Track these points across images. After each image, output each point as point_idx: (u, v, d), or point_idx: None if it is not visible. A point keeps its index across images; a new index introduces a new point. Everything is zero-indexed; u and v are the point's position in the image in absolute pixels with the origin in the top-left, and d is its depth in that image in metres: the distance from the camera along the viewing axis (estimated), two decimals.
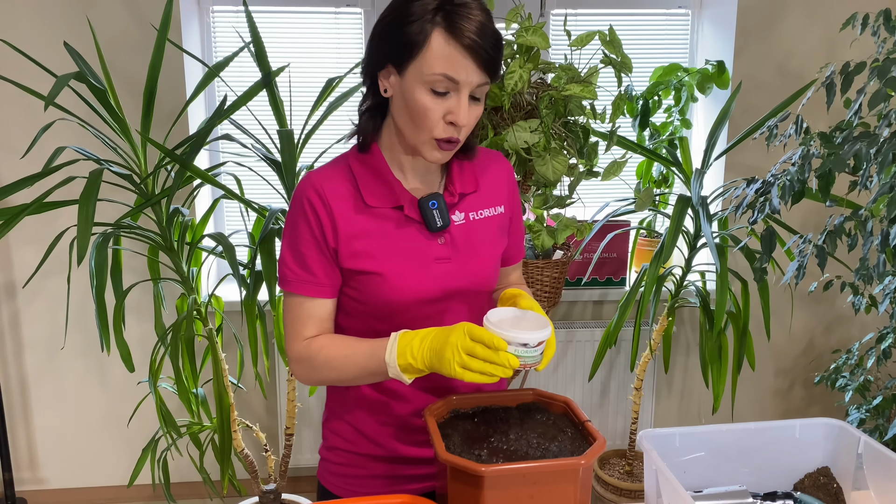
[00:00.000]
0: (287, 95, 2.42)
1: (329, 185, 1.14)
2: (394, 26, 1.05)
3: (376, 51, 1.10)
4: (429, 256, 1.16)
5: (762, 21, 2.54)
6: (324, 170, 1.18)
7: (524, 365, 1.04)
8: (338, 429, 1.28)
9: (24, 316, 2.53)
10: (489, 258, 1.22)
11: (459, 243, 1.19)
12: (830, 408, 2.89)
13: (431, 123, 1.08)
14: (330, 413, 1.30)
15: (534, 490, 0.95)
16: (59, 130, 2.17)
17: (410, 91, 1.06)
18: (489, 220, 1.23)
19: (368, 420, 1.24)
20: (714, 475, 1.23)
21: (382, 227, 1.15)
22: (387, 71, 1.09)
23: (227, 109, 1.97)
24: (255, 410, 2.69)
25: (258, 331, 2.16)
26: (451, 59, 1.03)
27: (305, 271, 1.15)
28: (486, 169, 1.26)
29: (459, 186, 1.20)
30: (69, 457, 2.67)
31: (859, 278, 1.76)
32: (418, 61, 1.04)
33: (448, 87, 1.06)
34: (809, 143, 1.70)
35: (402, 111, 1.10)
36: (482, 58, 1.04)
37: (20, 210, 1.77)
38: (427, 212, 1.15)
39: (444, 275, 1.17)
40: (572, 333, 2.70)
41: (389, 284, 1.14)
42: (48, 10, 2.31)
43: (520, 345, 1.02)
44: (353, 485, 1.27)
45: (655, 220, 2.75)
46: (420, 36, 1.03)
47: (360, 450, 1.26)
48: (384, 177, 1.16)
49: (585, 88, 1.83)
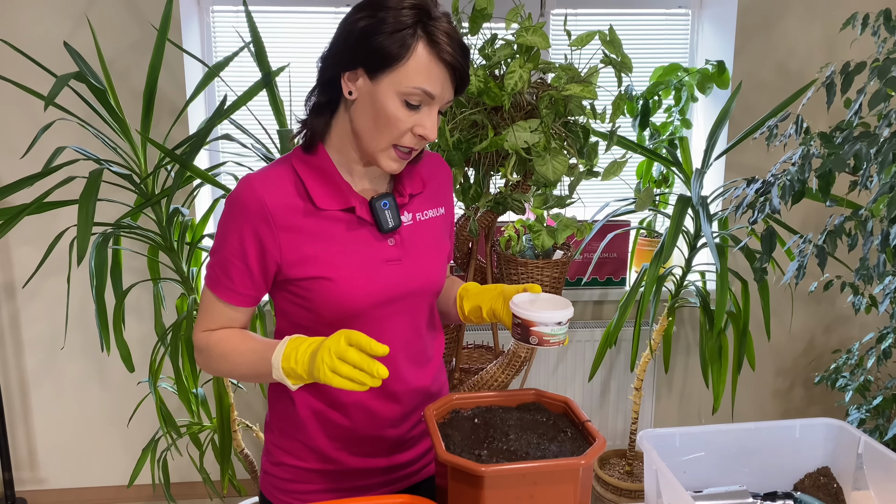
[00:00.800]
0: (287, 95, 2.42)
1: (272, 192, 1.10)
2: (371, 33, 1.03)
3: (347, 52, 1.06)
4: (379, 258, 1.14)
5: (762, 21, 2.54)
6: (266, 174, 1.12)
7: (559, 342, 1.11)
8: (284, 444, 1.24)
9: (24, 316, 2.53)
10: (437, 259, 1.22)
11: (409, 244, 1.17)
12: (830, 408, 2.89)
13: (398, 133, 1.07)
14: (275, 427, 1.26)
15: (534, 490, 0.95)
16: (59, 130, 2.17)
17: (382, 99, 1.05)
18: (434, 220, 1.23)
19: (316, 435, 1.20)
20: (714, 475, 1.23)
21: (331, 229, 1.12)
22: (355, 74, 1.06)
23: (227, 109, 1.97)
24: (255, 410, 2.69)
25: (258, 331, 2.16)
26: (430, 74, 1.04)
27: (224, 276, 1.13)
28: (430, 170, 1.26)
29: (409, 187, 1.19)
30: (69, 457, 2.67)
31: (859, 278, 1.76)
32: (396, 72, 1.03)
33: (422, 101, 1.05)
34: (809, 143, 1.70)
35: (366, 116, 1.07)
36: (459, 73, 1.06)
37: (20, 210, 1.77)
38: (379, 212, 1.13)
39: (394, 276, 1.15)
40: (572, 333, 2.70)
41: (339, 288, 1.11)
42: (48, 10, 2.31)
43: (555, 324, 1.08)
44: (300, 500, 1.23)
45: (655, 220, 2.75)
46: (402, 48, 1.02)
47: (309, 465, 1.22)
48: (332, 178, 1.13)
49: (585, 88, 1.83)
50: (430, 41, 1.03)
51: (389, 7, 1.03)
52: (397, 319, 1.17)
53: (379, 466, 1.24)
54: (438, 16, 1.05)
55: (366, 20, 1.04)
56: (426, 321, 1.23)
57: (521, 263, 2.10)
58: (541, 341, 1.10)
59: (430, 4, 1.05)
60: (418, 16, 1.03)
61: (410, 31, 1.02)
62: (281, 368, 1.03)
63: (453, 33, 1.05)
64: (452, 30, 1.05)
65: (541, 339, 1.10)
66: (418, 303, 1.19)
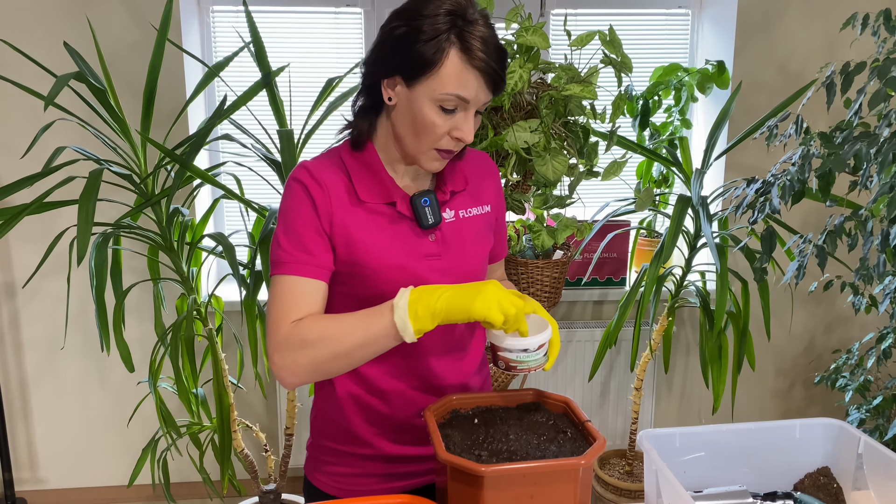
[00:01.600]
0: (287, 95, 2.42)
1: (326, 175, 1.15)
2: (407, 41, 1.05)
3: (385, 60, 1.09)
4: (419, 253, 1.17)
5: (762, 21, 2.54)
6: (319, 161, 1.18)
7: (528, 369, 1.04)
8: (325, 428, 1.28)
9: (24, 316, 2.53)
10: (478, 256, 1.24)
11: (449, 241, 1.20)
12: (830, 408, 2.89)
13: (436, 137, 1.10)
14: (317, 411, 1.30)
15: (534, 490, 0.95)
16: (59, 130, 2.17)
17: (419, 105, 1.08)
18: (477, 218, 1.25)
19: (355, 419, 1.24)
20: (714, 475, 1.22)
21: (375, 221, 1.15)
22: (393, 80, 1.10)
23: (227, 109, 1.97)
24: (255, 410, 2.69)
25: (258, 331, 2.16)
26: (463, 80, 1.05)
27: (302, 251, 1.12)
28: (474, 169, 1.28)
29: (450, 185, 1.22)
30: (69, 457, 2.67)
31: (859, 278, 1.76)
32: (430, 79, 1.06)
33: (457, 105, 1.08)
34: (809, 143, 1.70)
35: (405, 122, 1.11)
36: (492, 77, 1.07)
37: (20, 210, 1.77)
38: (419, 209, 1.16)
39: (433, 271, 1.17)
40: (572, 333, 2.70)
41: (379, 278, 1.14)
42: (48, 10, 2.31)
43: (520, 350, 1.02)
44: (338, 482, 1.27)
45: (655, 220, 2.75)
46: (435, 56, 1.04)
47: (349, 449, 1.26)
48: (377, 173, 1.17)
49: (585, 88, 1.83)
50: (462, 47, 1.04)
51: (425, 15, 1.05)
52: None
53: (417, 455, 1.26)
54: (474, 19, 1.06)
55: (402, 28, 1.07)
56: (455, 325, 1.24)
57: (521, 263, 2.10)
58: (507, 366, 1.07)
59: (467, 8, 1.06)
60: (453, 22, 1.04)
61: (444, 38, 1.04)
62: (406, 305, 1.01)
63: (489, 37, 1.06)
64: (488, 34, 1.06)
65: (507, 364, 1.06)
66: None
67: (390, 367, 1.21)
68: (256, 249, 1.97)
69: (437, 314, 1.00)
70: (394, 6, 1.11)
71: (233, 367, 2.56)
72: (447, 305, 1.00)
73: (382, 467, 1.26)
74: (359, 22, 2.56)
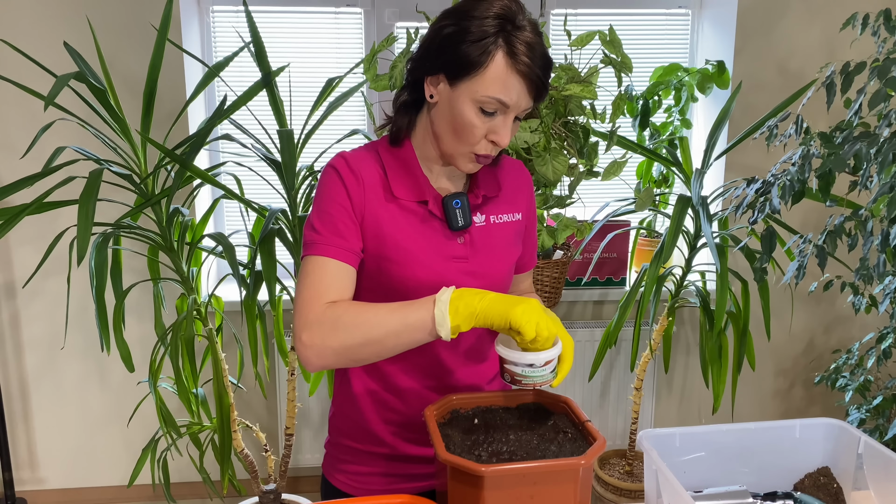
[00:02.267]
0: (287, 95, 2.42)
1: (362, 166, 1.15)
2: (455, 40, 1.06)
3: (432, 57, 1.10)
4: (446, 254, 1.17)
5: (762, 21, 2.54)
6: (357, 152, 1.18)
7: (534, 384, 1.04)
8: (341, 425, 1.29)
9: (24, 316, 2.53)
10: (504, 262, 1.24)
11: (478, 244, 1.20)
12: (830, 408, 2.89)
13: (474, 140, 1.10)
14: (336, 409, 1.31)
15: (534, 490, 0.95)
16: (59, 130, 2.17)
17: (459, 105, 1.08)
18: (507, 224, 1.25)
19: (371, 417, 1.25)
20: (714, 475, 1.22)
21: (406, 218, 1.16)
22: (437, 78, 1.10)
23: (227, 109, 1.97)
24: (255, 410, 2.69)
25: (258, 331, 2.16)
26: (506, 84, 1.05)
27: (335, 234, 1.12)
28: (509, 175, 1.28)
29: (484, 189, 1.22)
30: (69, 457, 2.67)
31: (859, 278, 1.76)
32: (473, 80, 1.06)
33: (497, 109, 1.08)
34: (809, 143, 1.70)
35: (445, 121, 1.11)
36: (535, 84, 1.07)
37: (20, 210, 1.77)
38: (450, 210, 1.16)
39: (458, 273, 1.18)
40: (572, 333, 2.70)
41: (403, 273, 1.14)
42: (48, 10, 2.31)
43: (526, 365, 1.02)
44: (355, 481, 1.28)
45: (655, 220, 2.75)
46: (481, 57, 1.04)
47: (363, 447, 1.26)
48: (413, 171, 1.17)
49: (585, 88, 1.83)
50: (509, 51, 1.04)
51: (474, 16, 1.05)
52: None
53: (433, 456, 1.25)
54: (523, 25, 1.06)
55: (451, 27, 1.07)
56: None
57: None
58: (512, 379, 1.06)
59: (516, 13, 1.06)
60: (501, 25, 1.05)
61: (491, 41, 1.04)
62: (448, 303, 1.01)
63: (536, 44, 1.06)
64: (536, 41, 1.06)
65: (512, 377, 1.06)
66: None
67: (407, 366, 1.22)
68: (256, 249, 1.97)
69: (478, 315, 1.01)
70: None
71: (233, 367, 2.56)
72: (488, 307, 1.00)
73: (400, 467, 1.26)
74: (359, 22, 2.56)
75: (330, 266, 1.10)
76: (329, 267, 1.10)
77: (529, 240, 1.33)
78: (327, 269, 1.10)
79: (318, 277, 1.09)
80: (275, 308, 2.04)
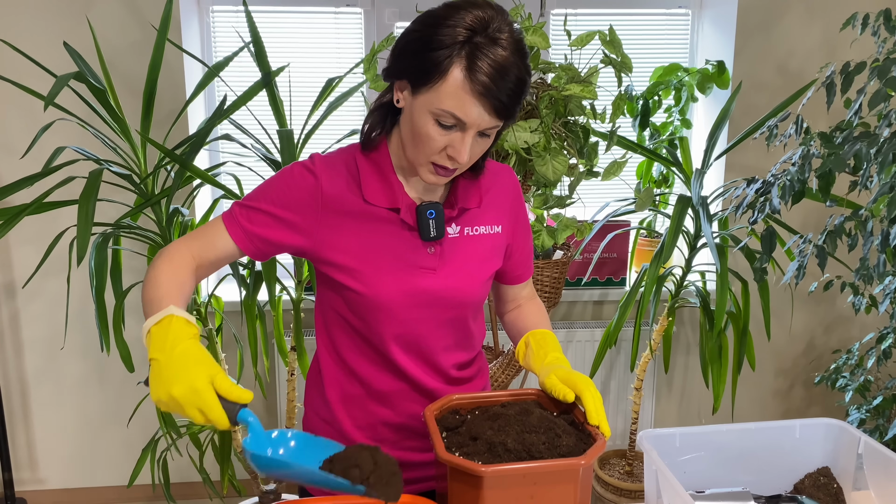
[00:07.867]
0: (287, 95, 2.42)
1: (330, 175, 1.13)
2: (418, 46, 1.01)
3: (396, 61, 1.07)
4: (415, 263, 1.15)
5: (762, 21, 2.54)
6: (330, 158, 1.16)
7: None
8: (320, 429, 1.27)
9: (24, 316, 2.53)
10: (476, 276, 1.20)
11: (448, 256, 1.17)
12: (830, 408, 2.89)
13: (430, 151, 1.05)
14: (310, 410, 1.29)
15: (534, 490, 0.95)
16: (59, 130, 2.17)
17: (417, 115, 1.04)
18: (483, 237, 1.21)
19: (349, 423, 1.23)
20: (714, 475, 1.22)
21: (374, 225, 1.14)
22: (402, 84, 1.06)
23: (227, 109, 1.97)
24: (255, 411, 2.69)
25: (258, 331, 2.16)
26: (461, 100, 0.99)
27: (245, 219, 1.12)
28: (493, 186, 1.23)
29: (462, 202, 1.18)
30: (69, 457, 2.67)
31: (859, 278, 1.76)
32: (430, 91, 1.01)
33: (455, 124, 1.02)
34: (809, 143, 1.70)
35: (407, 128, 1.08)
36: (493, 105, 1.00)
37: (20, 210, 1.77)
38: (423, 220, 1.13)
39: (425, 284, 1.15)
40: (572, 333, 2.70)
41: (366, 281, 1.13)
42: (48, 10, 2.31)
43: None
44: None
45: (655, 220, 2.75)
46: (439, 67, 0.99)
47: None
48: (387, 177, 1.14)
49: (585, 88, 1.83)
50: (468, 66, 0.98)
51: (444, 24, 0.99)
52: (425, 324, 1.18)
53: (412, 461, 1.24)
54: (497, 38, 0.99)
55: (416, 34, 1.03)
56: (453, 333, 1.22)
57: None
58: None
59: (489, 25, 0.99)
60: (469, 37, 0.98)
61: (453, 52, 0.98)
62: (149, 332, 0.95)
63: (507, 63, 0.98)
64: (509, 60, 0.98)
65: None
66: (448, 312, 1.19)
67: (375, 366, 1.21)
68: None
69: (159, 350, 0.93)
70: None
71: (233, 367, 2.56)
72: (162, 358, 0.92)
73: None
74: (359, 22, 2.56)
75: (222, 238, 1.12)
76: (220, 238, 1.12)
77: (521, 250, 1.29)
78: (218, 238, 1.13)
79: (205, 236, 1.13)
80: (275, 308, 2.04)
